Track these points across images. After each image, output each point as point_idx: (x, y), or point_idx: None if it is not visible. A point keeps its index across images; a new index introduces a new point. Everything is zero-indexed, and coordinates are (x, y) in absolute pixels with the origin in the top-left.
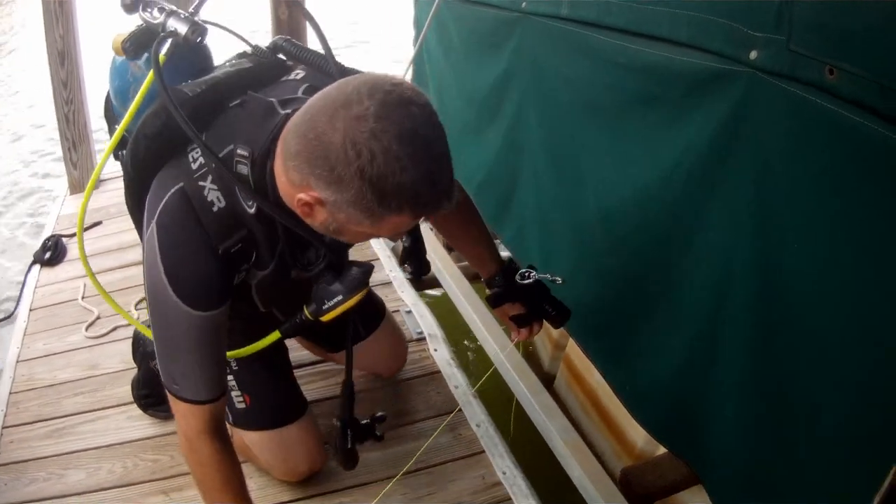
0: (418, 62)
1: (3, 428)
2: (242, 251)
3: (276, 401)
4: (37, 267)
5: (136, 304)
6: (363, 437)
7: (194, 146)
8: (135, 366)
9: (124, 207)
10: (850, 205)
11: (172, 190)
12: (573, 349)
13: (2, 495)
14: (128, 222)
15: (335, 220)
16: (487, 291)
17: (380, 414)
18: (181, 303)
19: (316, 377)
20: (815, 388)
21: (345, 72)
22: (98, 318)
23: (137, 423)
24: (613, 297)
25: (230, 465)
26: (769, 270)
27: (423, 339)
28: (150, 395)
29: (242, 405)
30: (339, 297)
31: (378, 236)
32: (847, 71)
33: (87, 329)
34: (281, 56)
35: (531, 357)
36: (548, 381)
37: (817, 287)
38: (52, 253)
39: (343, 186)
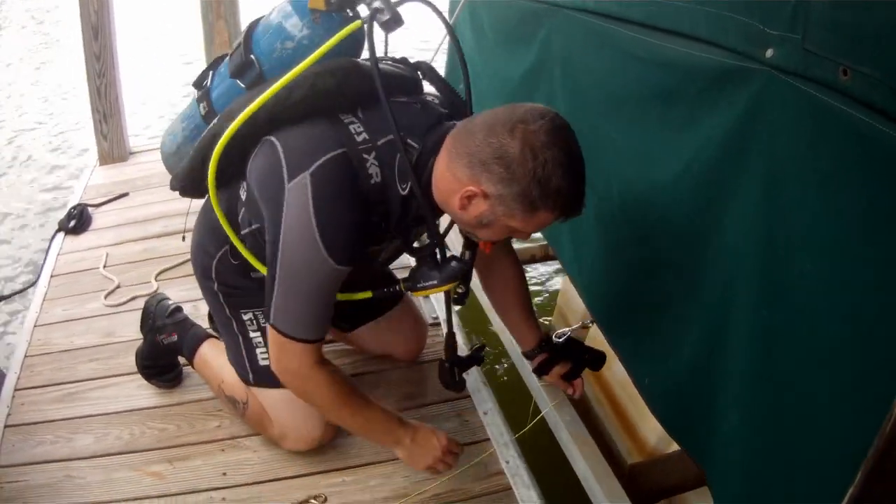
0: (450, 50)
1: (16, 390)
2: (377, 223)
3: None
4: (61, 234)
5: (157, 276)
6: (468, 366)
7: (352, 119)
8: None
9: (152, 180)
10: (860, 207)
11: (335, 152)
12: (591, 342)
13: (9, 455)
14: (154, 195)
15: (492, 213)
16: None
17: (477, 345)
18: (326, 253)
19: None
20: (819, 394)
21: (466, 104)
22: (118, 286)
23: (146, 392)
24: (636, 290)
25: (344, 379)
26: (774, 274)
27: (438, 323)
28: (153, 366)
29: (267, 361)
30: (434, 282)
31: (518, 232)
32: (861, 72)
33: (106, 297)
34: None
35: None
36: None
37: (824, 289)
38: (76, 221)
39: (514, 182)
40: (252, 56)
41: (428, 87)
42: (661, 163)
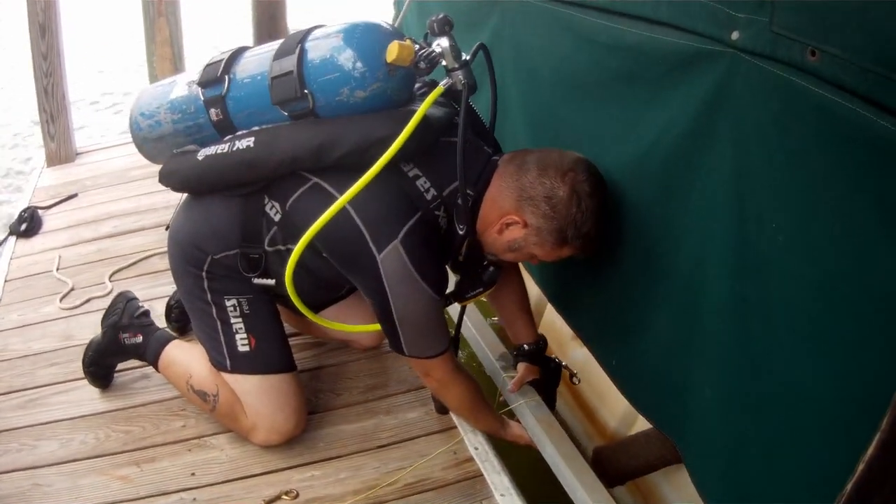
0: None
1: None
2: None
3: (278, 347)
4: (12, 238)
5: (111, 276)
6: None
7: (416, 173)
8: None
9: (100, 181)
10: (827, 182)
11: (414, 219)
12: (545, 328)
13: None
14: (103, 195)
15: (525, 241)
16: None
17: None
18: (432, 292)
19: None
20: (792, 366)
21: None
22: (72, 289)
23: (110, 394)
24: (597, 272)
25: (475, 382)
26: (746, 249)
27: None
28: (98, 363)
29: (246, 348)
30: (480, 289)
31: (541, 258)
32: (829, 53)
33: (61, 300)
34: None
35: (504, 336)
36: None
37: (793, 264)
38: (27, 224)
39: (555, 220)
40: (306, 91)
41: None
42: (622, 145)
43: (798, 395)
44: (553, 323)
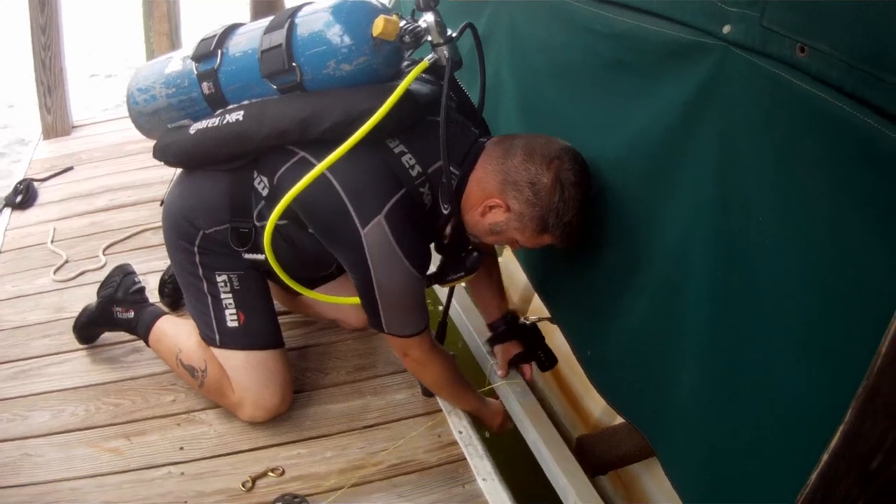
0: None
1: None
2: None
3: (267, 323)
4: (7, 210)
5: (104, 250)
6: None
7: (402, 149)
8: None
9: (96, 154)
10: (813, 176)
11: (399, 195)
12: (535, 312)
13: None
14: (99, 169)
15: (506, 224)
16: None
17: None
18: (414, 271)
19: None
20: (770, 361)
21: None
22: (66, 262)
23: (101, 367)
24: (580, 262)
25: (453, 362)
26: (731, 241)
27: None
28: (87, 326)
29: (235, 323)
30: (462, 273)
31: (522, 243)
32: (818, 49)
33: (55, 273)
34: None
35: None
36: None
37: (777, 259)
38: (23, 196)
39: (536, 206)
40: (294, 63)
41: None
42: (611, 133)
43: (776, 391)
44: (542, 310)
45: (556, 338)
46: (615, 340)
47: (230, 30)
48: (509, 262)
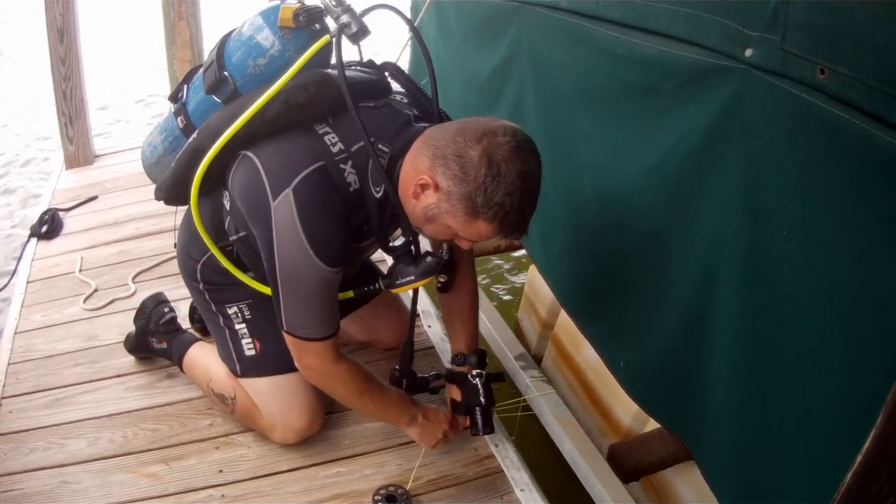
0: (414, 45)
1: (3, 398)
2: (360, 225)
3: (282, 348)
4: (34, 240)
5: (133, 278)
6: (418, 389)
7: (326, 130)
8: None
9: (119, 183)
10: (834, 196)
11: (314, 166)
12: (561, 329)
13: (2, 464)
14: (123, 198)
15: (438, 207)
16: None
17: (434, 373)
18: (318, 260)
19: None
20: (801, 368)
21: (432, 101)
22: (95, 290)
23: (136, 394)
24: (608, 277)
25: (361, 369)
26: (756, 255)
27: (418, 315)
28: (136, 350)
29: (252, 351)
30: (412, 278)
31: (459, 237)
32: (837, 72)
33: (84, 301)
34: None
35: (519, 337)
36: (535, 361)
37: (802, 272)
38: (48, 226)
39: (464, 183)
40: (226, 73)
41: (396, 86)
42: (636, 156)
43: (806, 396)
44: (568, 324)
45: (585, 348)
46: (648, 352)
47: (200, 67)
48: (535, 279)
